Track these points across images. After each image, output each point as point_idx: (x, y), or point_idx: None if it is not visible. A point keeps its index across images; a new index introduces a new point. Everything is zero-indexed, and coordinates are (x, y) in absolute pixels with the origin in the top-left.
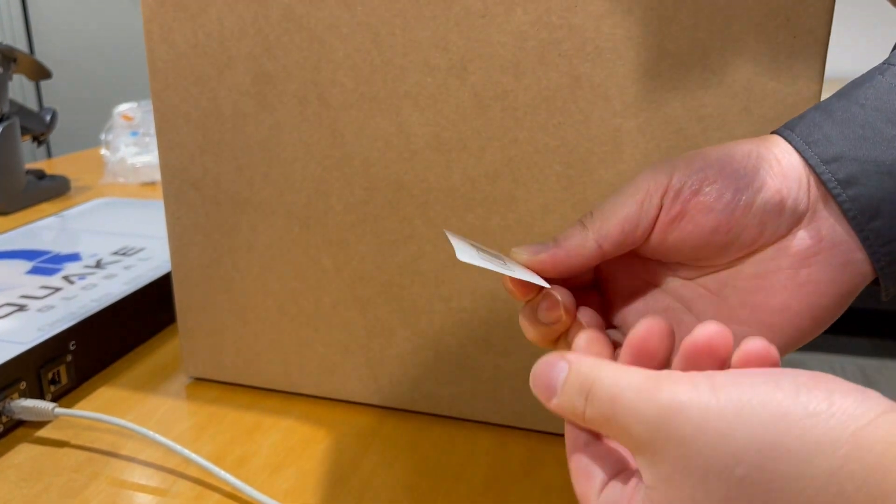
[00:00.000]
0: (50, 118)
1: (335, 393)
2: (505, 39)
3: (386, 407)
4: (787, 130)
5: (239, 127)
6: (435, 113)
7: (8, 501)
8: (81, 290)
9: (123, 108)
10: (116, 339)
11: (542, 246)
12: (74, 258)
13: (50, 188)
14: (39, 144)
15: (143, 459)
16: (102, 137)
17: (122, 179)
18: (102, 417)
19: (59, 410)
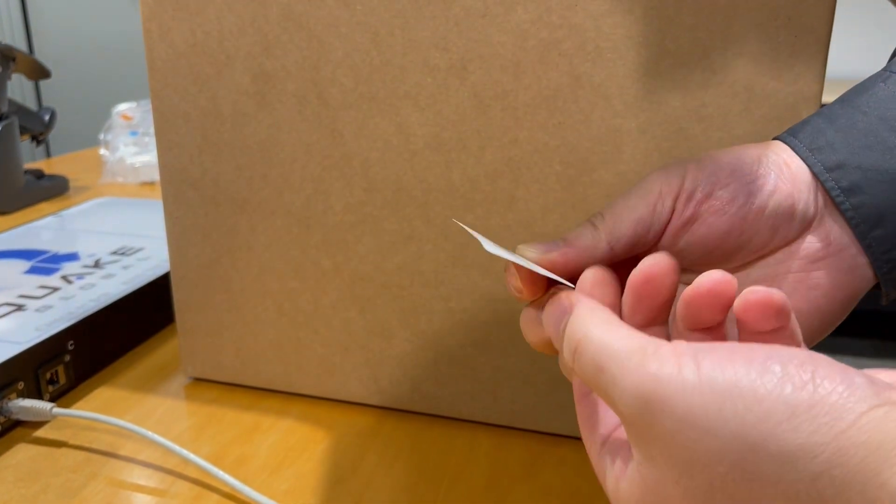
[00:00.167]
0: (49, 118)
1: (334, 393)
2: (505, 39)
3: (385, 407)
4: (790, 137)
5: (238, 126)
6: (435, 113)
7: (6, 502)
8: (80, 289)
9: (122, 107)
10: (115, 339)
11: (552, 245)
12: (73, 258)
13: (49, 188)
14: (38, 144)
15: (141, 460)
16: (101, 137)
17: (120, 179)
18: (101, 418)
19: (57, 410)
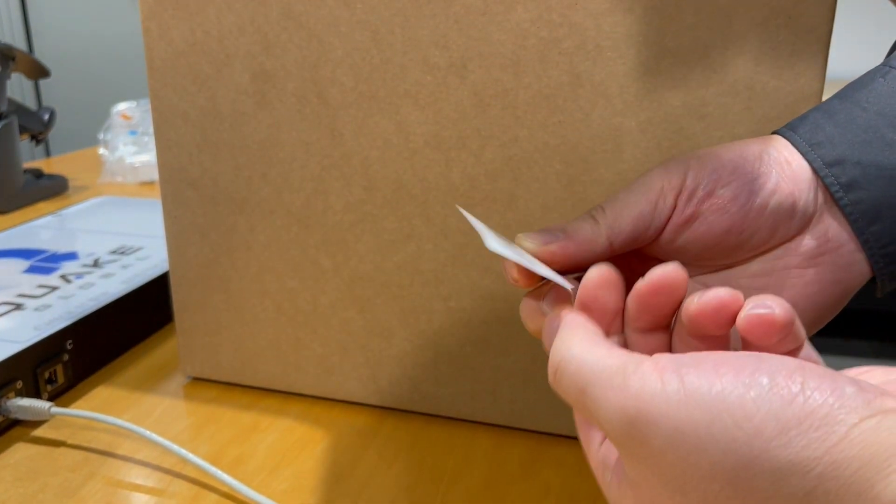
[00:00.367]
0: (48, 117)
1: (333, 393)
2: (505, 37)
3: (385, 407)
4: (789, 132)
5: (237, 126)
6: (434, 112)
7: (4, 501)
8: (79, 289)
9: (122, 107)
10: (114, 338)
11: (551, 235)
12: (72, 257)
13: (48, 187)
14: (38, 143)
15: (139, 459)
16: (101, 136)
17: (120, 178)
18: (99, 417)
19: (55, 410)
